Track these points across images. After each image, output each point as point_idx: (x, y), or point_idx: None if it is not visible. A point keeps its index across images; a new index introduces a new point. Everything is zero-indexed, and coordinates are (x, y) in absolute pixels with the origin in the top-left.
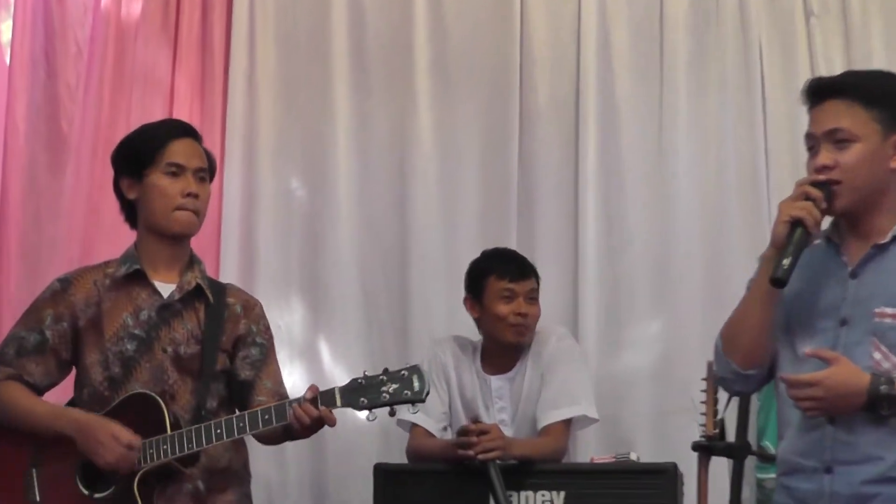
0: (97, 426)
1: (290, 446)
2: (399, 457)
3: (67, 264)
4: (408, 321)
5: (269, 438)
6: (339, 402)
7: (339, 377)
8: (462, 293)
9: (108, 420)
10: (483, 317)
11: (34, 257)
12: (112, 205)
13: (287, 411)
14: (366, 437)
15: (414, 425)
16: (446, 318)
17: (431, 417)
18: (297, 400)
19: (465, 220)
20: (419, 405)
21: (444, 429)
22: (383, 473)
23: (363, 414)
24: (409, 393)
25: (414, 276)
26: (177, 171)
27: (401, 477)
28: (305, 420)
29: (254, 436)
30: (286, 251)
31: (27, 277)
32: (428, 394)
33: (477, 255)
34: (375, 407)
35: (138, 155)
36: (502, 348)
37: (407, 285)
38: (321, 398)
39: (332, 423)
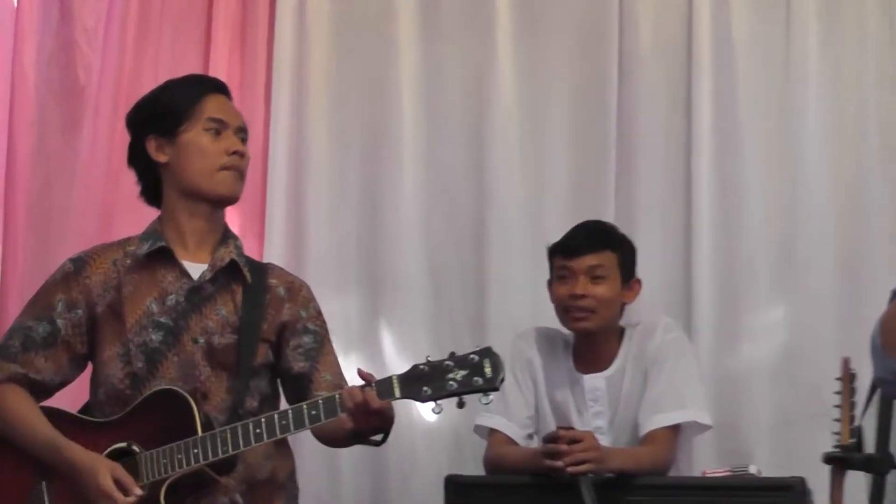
0: (95, 472)
1: (343, 454)
2: (474, 467)
3: (82, 240)
4: (484, 308)
5: (333, 438)
6: (397, 393)
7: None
8: (548, 274)
9: (106, 464)
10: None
11: (44, 231)
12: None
13: (337, 405)
14: (434, 444)
15: (493, 431)
16: (530, 305)
17: (514, 422)
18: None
19: (554, 188)
20: (496, 402)
21: (529, 436)
22: (455, 487)
23: (427, 407)
24: (481, 380)
25: (492, 255)
26: (219, 127)
27: (476, 491)
28: (360, 402)
29: (316, 436)
30: (341, 222)
31: (36, 255)
32: (503, 380)
33: (566, 228)
34: (441, 398)
35: (171, 110)
36: (595, 342)
37: (483, 265)
38: (377, 388)
39: (380, 409)
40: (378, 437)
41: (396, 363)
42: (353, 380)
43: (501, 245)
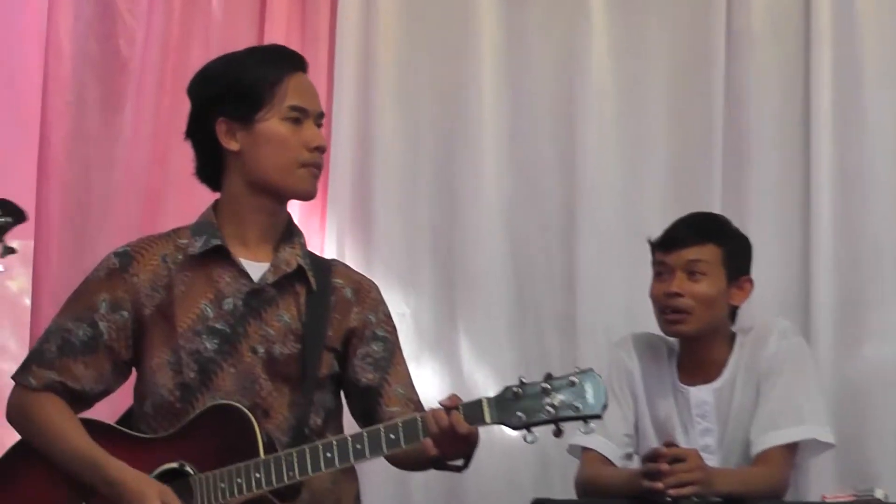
0: (134, 494)
1: (415, 476)
2: (563, 490)
3: (124, 231)
4: (575, 310)
5: (409, 462)
6: (488, 418)
7: (481, 383)
8: (647, 271)
9: (154, 491)
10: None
11: (81, 221)
12: (184, 152)
13: (419, 429)
14: (517, 464)
15: (586, 449)
16: (625, 307)
17: (611, 440)
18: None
19: (652, 177)
20: (594, 423)
21: (628, 456)
22: None
23: (518, 434)
24: (582, 406)
25: (583, 251)
26: (300, 116)
27: None
28: (447, 427)
29: (391, 459)
30: (413, 216)
31: (72, 249)
32: (606, 407)
33: (667, 220)
34: (536, 424)
35: (249, 92)
36: (701, 349)
37: (574, 262)
38: (464, 412)
39: (466, 434)
40: (459, 463)
41: (475, 372)
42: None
43: (593, 240)
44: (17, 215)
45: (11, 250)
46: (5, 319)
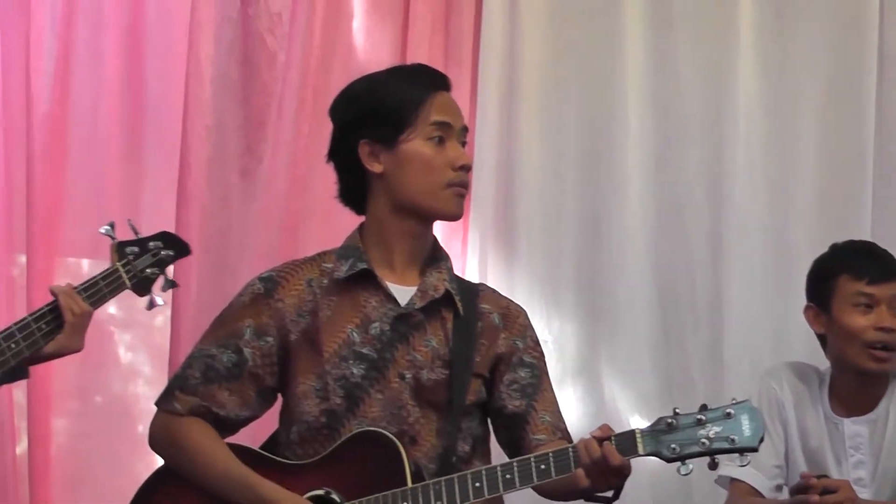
0: None
1: None
2: None
3: (264, 257)
4: (720, 337)
5: (556, 492)
6: (641, 449)
7: (625, 409)
8: (796, 299)
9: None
10: (832, 334)
11: (221, 245)
12: (325, 176)
13: (571, 460)
14: (663, 494)
15: (734, 480)
16: (773, 333)
17: (760, 471)
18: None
19: (801, 201)
20: (749, 456)
21: (778, 488)
22: None
23: (672, 466)
24: (738, 439)
25: (729, 276)
26: (443, 134)
27: None
28: (599, 459)
29: (539, 490)
30: (556, 239)
31: (211, 275)
32: (762, 440)
33: (816, 247)
34: (691, 457)
35: (392, 114)
36: (860, 379)
37: (719, 287)
38: (617, 443)
39: (619, 466)
40: (609, 494)
41: (618, 400)
42: (566, 419)
43: (740, 268)
44: (181, 248)
45: (173, 284)
46: (142, 345)
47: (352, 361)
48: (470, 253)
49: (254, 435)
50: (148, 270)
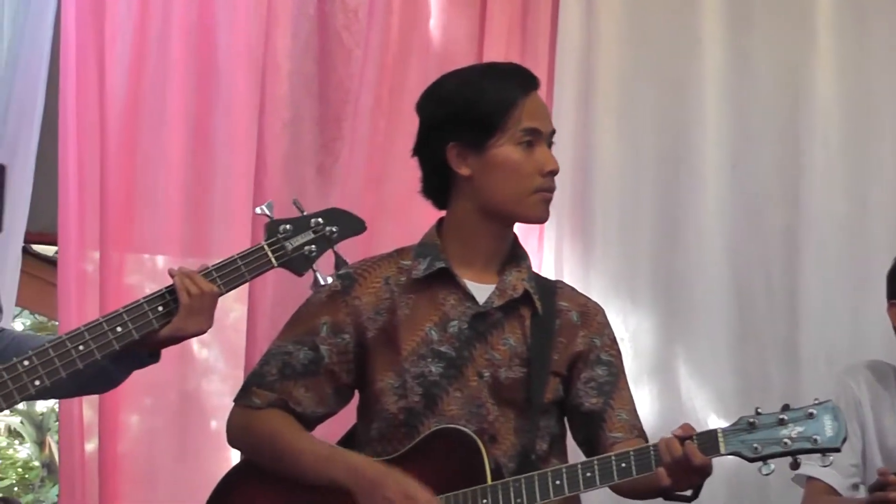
0: (383, 480)
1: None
2: None
3: (341, 252)
4: (798, 335)
5: (636, 491)
6: (723, 449)
7: (702, 407)
8: (873, 297)
9: (398, 473)
10: None
11: None
12: (401, 172)
13: (652, 459)
14: (739, 493)
15: (811, 479)
16: (850, 333)
17: (837, 470)
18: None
19: (879, 199)
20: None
21: (855, 486)
22: None
23: (745, 464)
24: (820, 439)
25: (807, 275)
26: (533, 139)
27: None
28: (681, 458)
29: (617, 488)
30: (633, 237)
31: (287, 273)
32: (845, 441)
33: (894, 244)
34: (773, 457)
35: (482, 118)
36: None
37: (797, 286)
38: (698, 442)
39: (701, 466)
40: (688, 493)
41: (695, 398)
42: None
43: (817, 264)
44: (350, 225)
45: (342, 262)
46: (217, 341)
47: (430, 360)
48: (546, 250)
49: (329, 431)
50: (306, 248)
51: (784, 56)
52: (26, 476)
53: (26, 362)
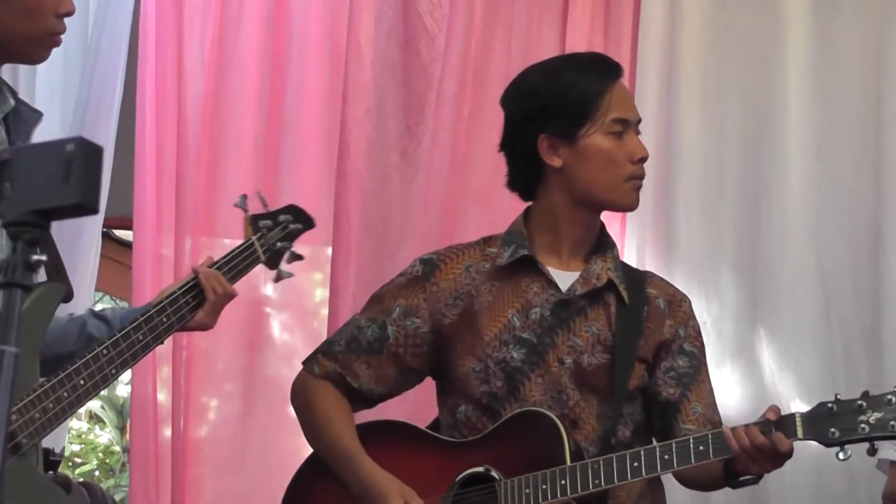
0: (378, 491)
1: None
2: None
3: (424, 240)
4: (882, 321)
5: (702, 480)
6: (800, 433)
7: (784, 392)
8: None
9: (394, 484)
10: None
11: (380, 231)
12: (485, 158)
13: (729, 442)
14: (824, 478)
15: (894, 464)
16: None
17: None
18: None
19: None
20: None
21: None
22: None
23: (831, 450)
24: None
25: (891, 258)
26: (622, 129)
27: None
28: (763, 443)
29: (680, 477)
30: (716, 222)
31: (371, 257)
32: None
33: None
34: (851, 442)
35: (572, 108)
36: None
37: (880, 271)
38: (776, 426)
39: (787, 453)
40: (751, 478)
41: (778, 383)
42: (723, 402)
43: None
44: (307, 222)
45: (298, 257)
46: (298, 326)
47: (512, 346)
48: (629, 236)
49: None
50: (279, 244)
51: (869, 41)
52: (107, 461)
53: (105, 351)
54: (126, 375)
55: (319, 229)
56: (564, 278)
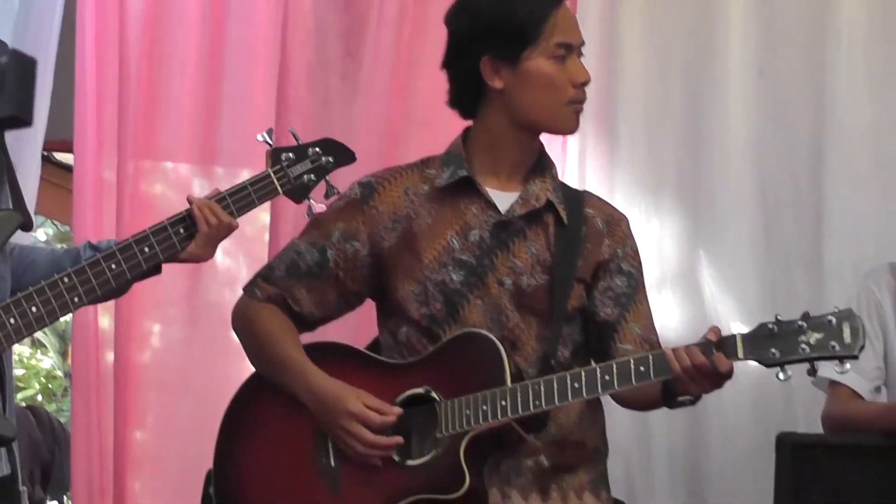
0: (335, 403)
1: (655, 412)
2: (807, 425)
3: (365, 163)
4: (822, 243)
5: (640, 401)
6: (741, 353)
7: (724, 315)
8: None
9: (351, 394)
10: None
11: None
12: (426, 81)
13: (671, 364)
14: (763, 399)
15: (834, 384)
16: (875, 239)
17: (861, 374)
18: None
19: None
20: (849, 363)
21: (877, 389)
22: (790, 447)
23: (771, 371)
24: (838, 346)
25: (832, 182)
26: (566, 53)
27: (815, 452)
28: (703, 364)
29: (618, 397)
30: (657, 144)
31: None
32: (863, 348)
33: None
34: (791, 363)
35: (515, 31)
36: None
37: (822, 193)
38: (716, 347)
39: (727, 373)
40: (688, 398)
41: (718, 304)
42: (663, 325)
43: (843, 171)
44: (343, 155)
45: (333, 191)
46: (240, 252)
47: (451, 268)
48: (570, 157)
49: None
50: (305, 177)
51: None
52: (49, 386)
53: (66, 280)
54: None
55: (261, 151)
56: (503, 199)
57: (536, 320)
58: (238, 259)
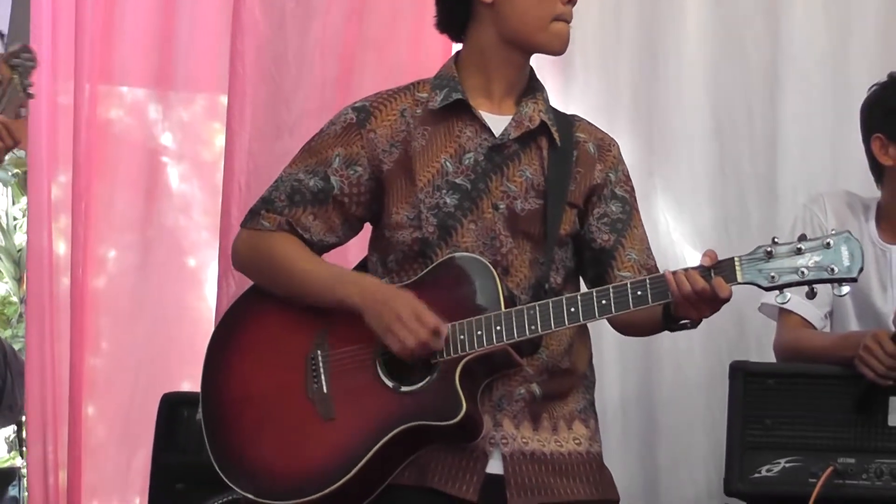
0: (394, 299)
1: (608, 339)
2: (759, 354)
3: (319, 87)
4: (776, 168)
5: (638, 326)
6: (739, 277)
7: (680, 241)
8: (854, 132)
9: (408, 294)
10: None
11: (276, 76)
12: (381, 7)
13: (670, 286)
14: (714, 328)
15: (784, 312)
16: (830, 165)
17: (812, 302)
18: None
19: (861, 32)
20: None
21: (825, 316)
22: (743, 375)
23: (770, 295)
24: (837, 269)
25: (787, 107)
26: None
27: (767, 380)
28: (703, 289)
29: (617, 323)
30: (612, 69)
31: (266, 107)
32: (861, 271)
33: (876, 79)
34: (790, 286)
35: None
36: None
37: (776, 118)
38: (715, 270)
39: (727, 298)
40: (688, 322)
41: (672, 230)
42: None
43: (798, 97)
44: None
45: (29, 95)
46: (195, 176)
47: (445, 191)
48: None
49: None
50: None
51: None
52: (4, 312)
53: None
54: (23, 225)
55: (216, 76)
56: (497, 122)
57: (530, 245)
58: (193, 184)
